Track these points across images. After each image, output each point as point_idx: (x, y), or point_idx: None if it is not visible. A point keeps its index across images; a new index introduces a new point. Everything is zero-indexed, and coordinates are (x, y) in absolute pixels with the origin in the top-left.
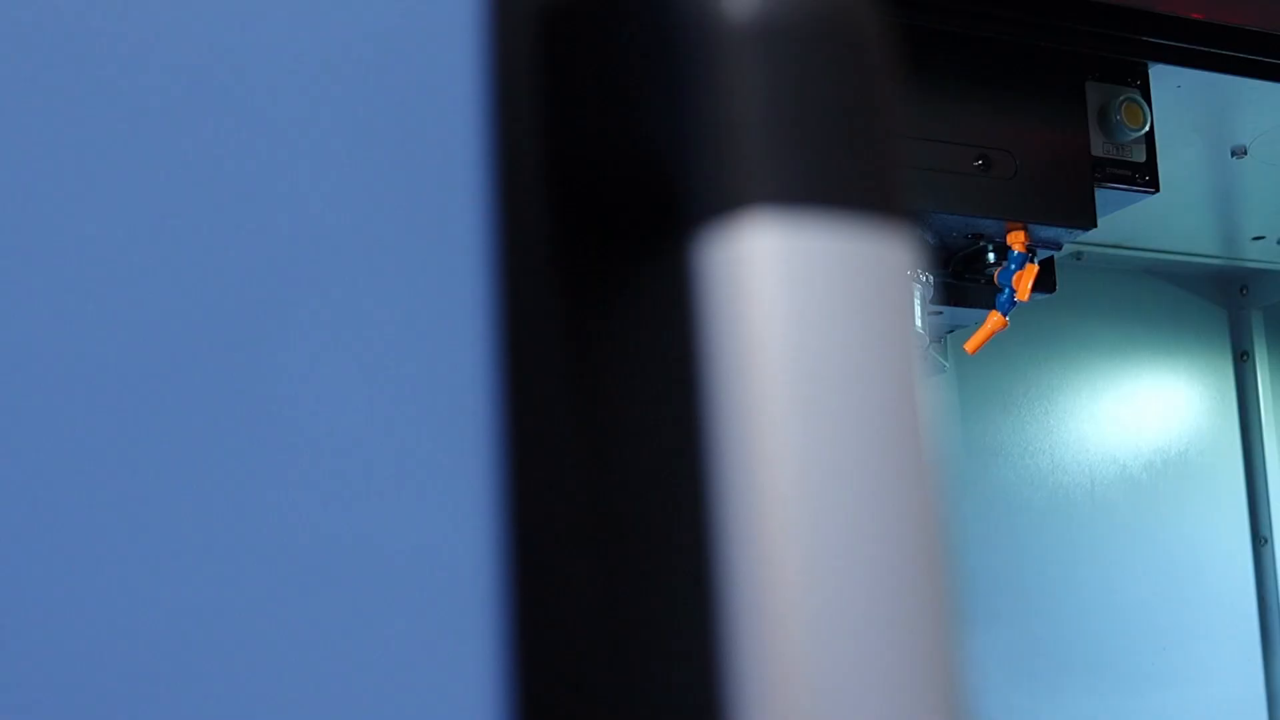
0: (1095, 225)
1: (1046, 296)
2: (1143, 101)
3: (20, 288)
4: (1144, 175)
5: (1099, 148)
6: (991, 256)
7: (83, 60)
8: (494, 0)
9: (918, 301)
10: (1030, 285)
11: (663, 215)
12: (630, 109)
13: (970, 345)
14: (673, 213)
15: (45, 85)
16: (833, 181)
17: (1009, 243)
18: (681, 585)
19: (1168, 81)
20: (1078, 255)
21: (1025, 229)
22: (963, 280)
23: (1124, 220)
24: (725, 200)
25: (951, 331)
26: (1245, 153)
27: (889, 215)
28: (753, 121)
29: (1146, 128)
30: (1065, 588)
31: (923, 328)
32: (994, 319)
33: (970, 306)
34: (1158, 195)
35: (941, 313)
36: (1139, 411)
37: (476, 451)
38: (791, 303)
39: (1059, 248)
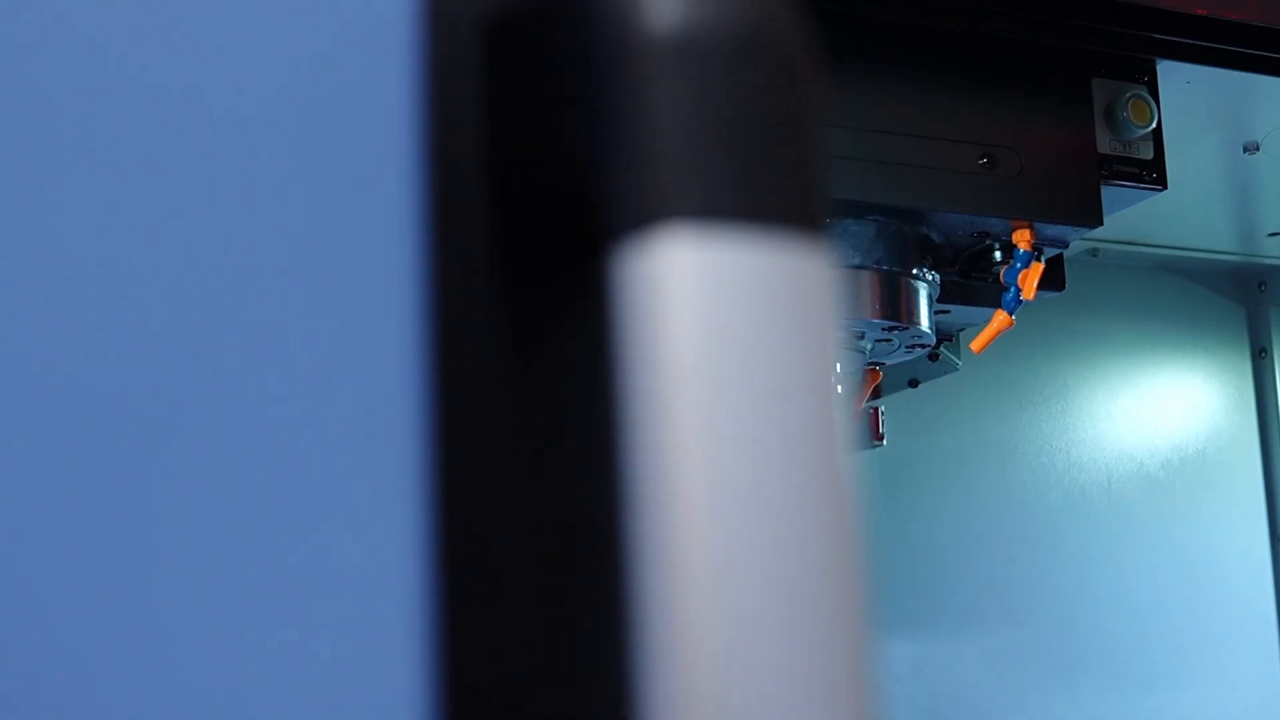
0: (1101, 223)
1: (1061, 294)
2: (1150, 98)
3: None
4: (1152, 172)
5: (1105, 145)
6: (998, 255)
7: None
8: (432, 7)
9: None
10: (1035, 284)
11: (588, 227)
12: (561, 120)
13: (976, 344)
14: (596, 225)
15: None
16: (750, 195)
17: (1014, 241)
18: (602, 595)
19: (1177, 77)
20: (1093, 252)
21: (1031, 227)
22: (970, 279)
23: (1139, 217)
24: (642, 214)
25: (963, 330)
26: (1258, 149)
27: (808, 229)
28: (670, 135)
29: (1154, 124)
30: (1081, 587)
31: (929, 326)
32: (1000, 318)
33: (978, 305)
34: (1172, 191)
35: (949, 311)
36: (1156, 409)
37: (407, 459)
38: (704, 317)
39: (1066, 246)
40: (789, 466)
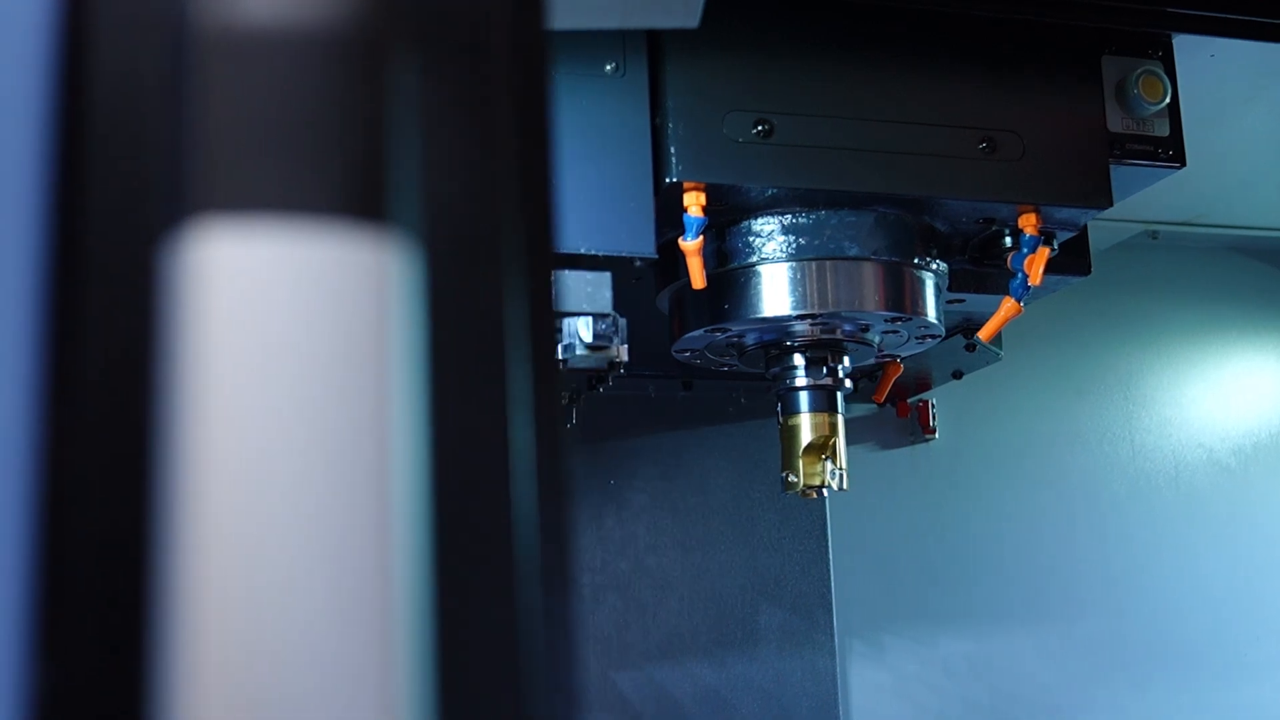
0: (1111, 203)
1: (1120, 279)
2: (1162, 74)
3: None
4: (1168, 150)
5: (1117, 123)
6: (1008, 241)
7: None
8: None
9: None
10: (1042, 270)
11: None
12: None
13: (984, 333)
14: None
15: None
16: (290, 189)
17: (1020, 226)
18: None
19: (1199, 51)
20: (1153, 234)
21: (1037, 211)
22: (983, 266)
23: (1199, 195)
24: (183, 207)
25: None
26: None
27: (359, 221)
28: (209, 129)
29: (1167, 100)
30: (1149, 578)
31: (936, 316)
32: (1008, 305)
33: (989, 293)
34: (1234, 167)
35: (964, 300)
36: (1226, 395)
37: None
38: (238, 310)
39: (1076, 229)
40: (322, 461)
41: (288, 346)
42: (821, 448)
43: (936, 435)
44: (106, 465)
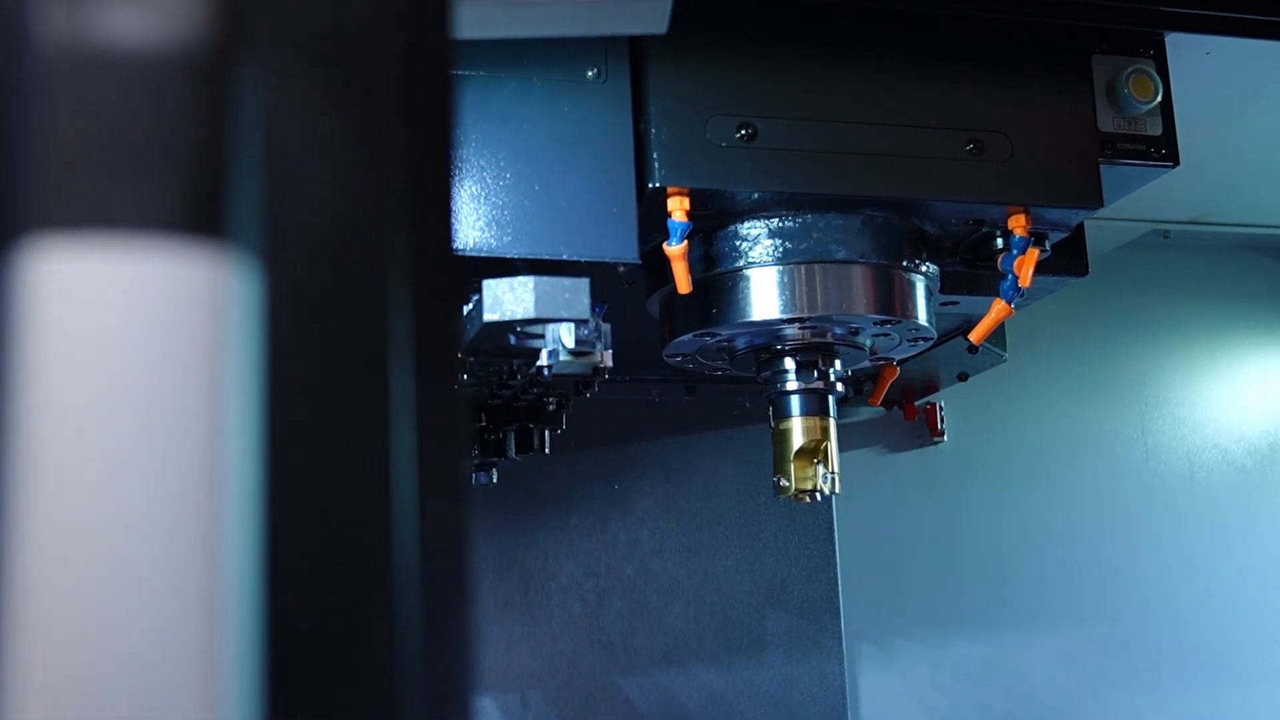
0: (1102, 203)
1: (1131, 279)
2: (1154, 72)
3: None
4: (1160, 149)
5: (1108, 123)
6: (999, 243)
7: None
8: None
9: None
10: (1031, 271)
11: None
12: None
13: (975, 335)
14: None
15: None
16: (129, 206)
17: (1010, 227)
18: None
19: (1193, 49)
20: (1164, 234)
21: (1026, 212)
22: (975, 268)
23: (1208, 193)
24: (22, 222)
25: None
26: None
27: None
28: (45, 145)
29: (1158, 99)
30: (1164, 580)
31: (927, 319)
32: (998, 307)
33: (983, 295)
34: (1243, 164)
35: (958, 302)
36: (1241, 394)
37: None
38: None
39: (1069, 230)
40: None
41: (120, 360)
42: (813, 452)
43: (945, 438)
44: None
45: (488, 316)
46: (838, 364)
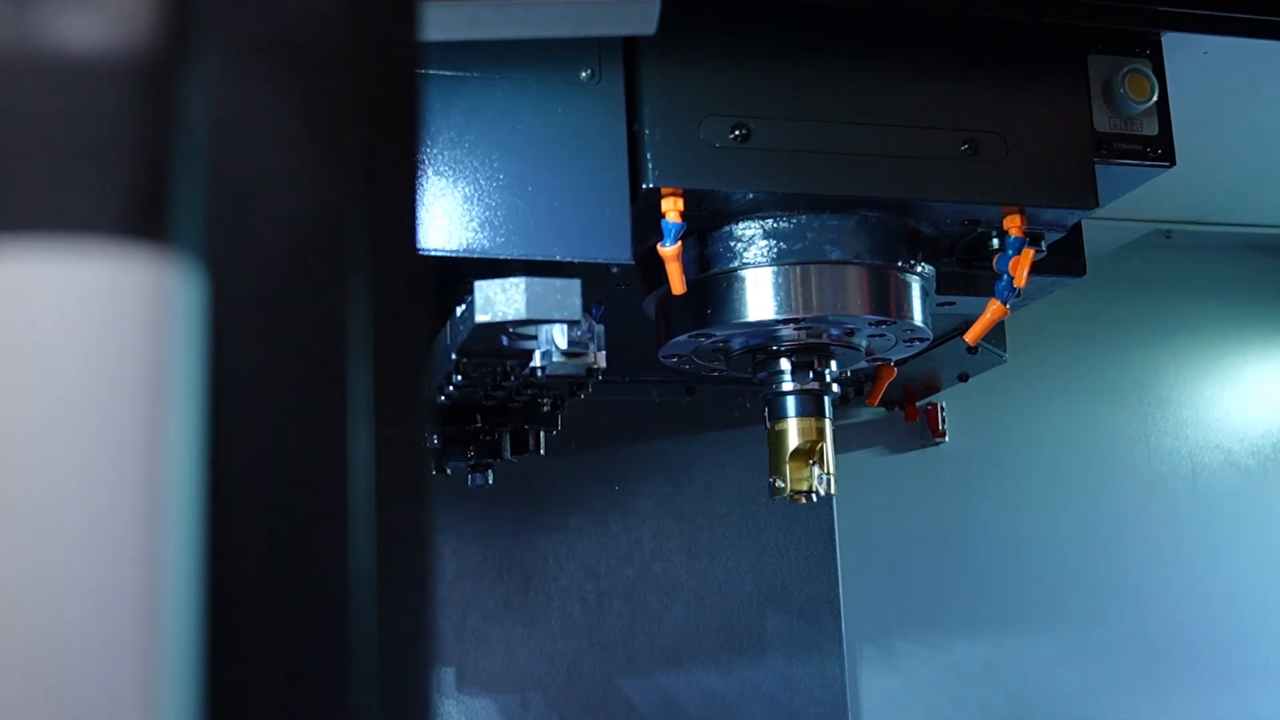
0: (1097, 203)
1: (1134, 279)
2: (1149, 72)
3: None
4: (1157, 148)
5: (1104, 123)
6: (995, 243)
7: None
8: None
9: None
10: (1027, 271)
11: None
12: None
13: (970, 335)
14: None
15: None
16: (68, 209)
17: (1005, 227)
18: None
19: (1191, 49)
20: (1166, 234)
21: (1022, 212)
22: (972, 269)
23: (1208, 193)
24: None
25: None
26: None
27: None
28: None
29: (1154, 99)
30: (1167, 581)
31: (923, 320)
32: (994, 307)
33: (980, 295)
34: (1245, 163)
35: (955, 303)
36: (1243, 395)
37: None
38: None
39: (1064, 230)
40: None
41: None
42: (809, 453)
43: (946, 438)
44: None
45: (479, 318)
46: (833, 365)
